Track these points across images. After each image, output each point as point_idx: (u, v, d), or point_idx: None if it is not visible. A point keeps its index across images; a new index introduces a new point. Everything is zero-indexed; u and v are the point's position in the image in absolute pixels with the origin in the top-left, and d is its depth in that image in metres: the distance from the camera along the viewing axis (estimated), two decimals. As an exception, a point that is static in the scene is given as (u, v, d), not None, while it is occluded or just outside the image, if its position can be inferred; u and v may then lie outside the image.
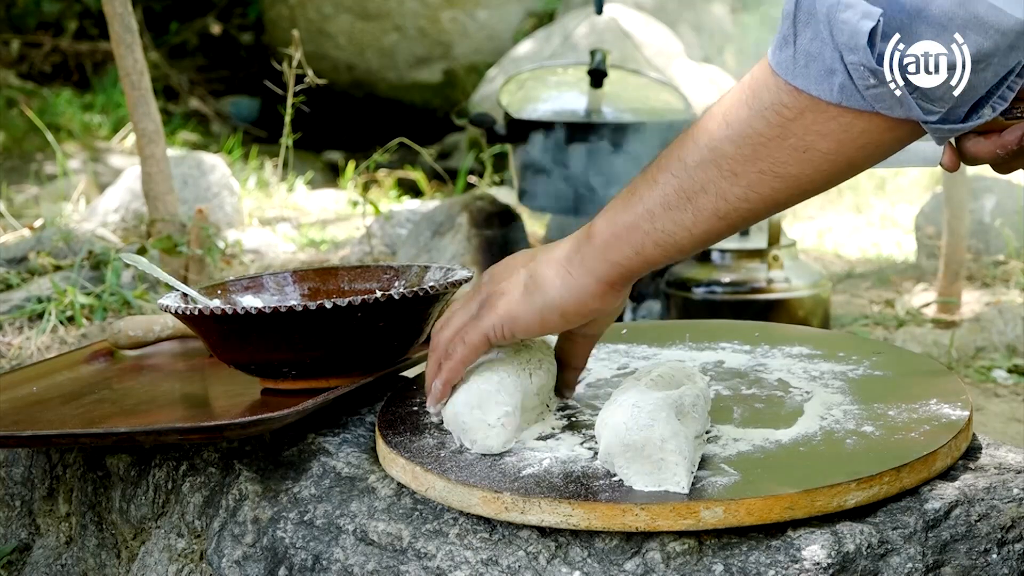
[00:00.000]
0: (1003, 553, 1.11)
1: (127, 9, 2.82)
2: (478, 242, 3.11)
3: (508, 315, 1.17)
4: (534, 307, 1.16)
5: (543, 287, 1.15)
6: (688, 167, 1.07)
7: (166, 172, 2.92)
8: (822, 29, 0.98)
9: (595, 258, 1.13)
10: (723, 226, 1.09)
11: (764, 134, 1.03)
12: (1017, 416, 2.48)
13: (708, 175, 1.06)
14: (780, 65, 1.02)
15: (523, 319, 1.16)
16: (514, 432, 1.24)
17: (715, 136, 1.06)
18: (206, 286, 1.49)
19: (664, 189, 1.09)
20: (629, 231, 1.11)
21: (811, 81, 1.00)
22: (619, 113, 3.12)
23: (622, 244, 1.11)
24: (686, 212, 1.08)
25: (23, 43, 7.35)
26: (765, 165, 1.04)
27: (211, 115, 7.20)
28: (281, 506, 1.25)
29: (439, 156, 4.65)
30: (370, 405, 1.41)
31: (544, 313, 1.15)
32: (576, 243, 1.15)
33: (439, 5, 7.08)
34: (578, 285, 1.14)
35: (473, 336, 1.18)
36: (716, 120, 1.06)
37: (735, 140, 1.04)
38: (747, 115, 1.04)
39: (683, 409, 1.16)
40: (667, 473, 1.11)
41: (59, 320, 2.66)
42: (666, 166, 1.09)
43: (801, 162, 1.03)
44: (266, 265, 3.41)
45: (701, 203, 1.07)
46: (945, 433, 1.19)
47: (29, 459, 1.54)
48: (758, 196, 1.06)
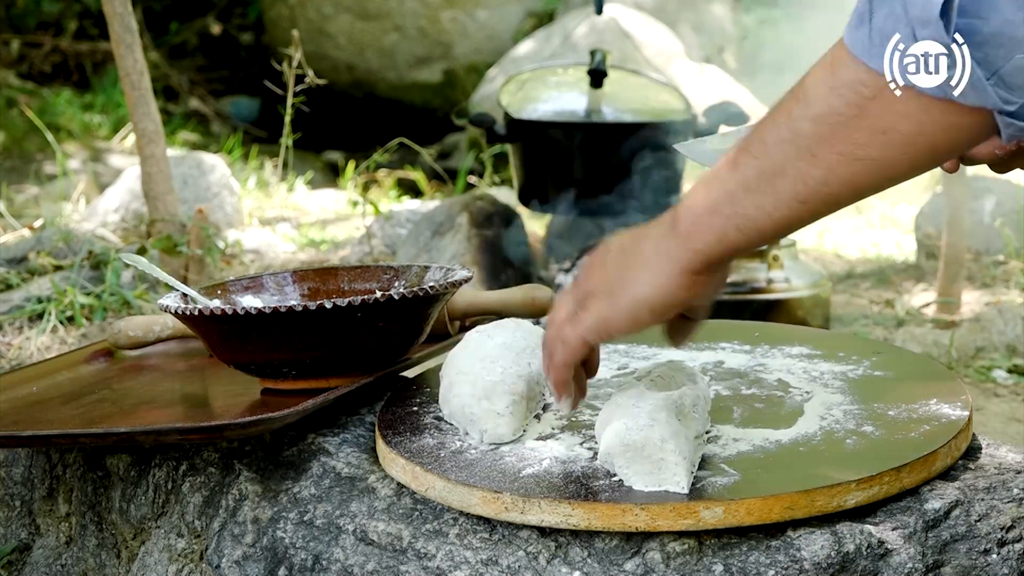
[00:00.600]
0: (1003, 553, 1.11)
1: (127, 9, 2.82)
2: (478, 242, 3.11)
3: (601, 318, 1.13)
4: (624, 308, 1.12)
5: (631, 285, 1.11)
6: (767, 147, 1.03)
7: (166, 172, 2.92)
8: (896, 5, 0.93)
9: (679, 247, 1.08)
10: (804, 211, 1.03)
11: (842, 113, 0.98)
12: (1017, 416, 2.48)
13: (786, 155, 1.01)
14: (855, 44, 0.97)
15: (615, 320, 1.13)
16: (522, 419, 1.26)
17: (793, 115, 1.01)
18: (206, 286, 1.49)
19: (744, 171, 1.04)
20: (711, 215, 1.06)
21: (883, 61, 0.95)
22: (619, 113, 3.12)
23: (704, 230, 1.07)
24: (766, 195, 1.03)
25: (23, 43, 7.35)
26: (844, 147, 0.99)
27: (211, 115, 7.19)
28: (281, 506, 1.25)
29: (439, 156, 4.65)
30: (370, 405, 1.41)
31: (635, 313, 1.11)
32: (660, 232, 1.11)
33: (439, 5, 7.07)
34: (664, 279, 1.09)
35: (571, 339, 1.16)
36: (796, 98, 1.02)
37: (813, 119, 1.00)
38: (825, 93, 0.99)
39: (683, 409, 1.17)
40: (667, 473, 1.11)
41: (59, 320, 2.66)
42: (747, 147, 1.05)
43: (882, 145, 0.97)
44: (266, 265, 3.41)
45: (780, 186, 1.02)
46: (945, 433, 1.19)
47: (29, 459, 1.54)
48: (838, 180, 1.00)
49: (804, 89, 1.01)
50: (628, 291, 1.11)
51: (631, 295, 1.11)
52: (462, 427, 1.27)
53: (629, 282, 1.11)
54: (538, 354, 1.34)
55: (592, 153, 3.04)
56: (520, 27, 7.00)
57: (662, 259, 1.09)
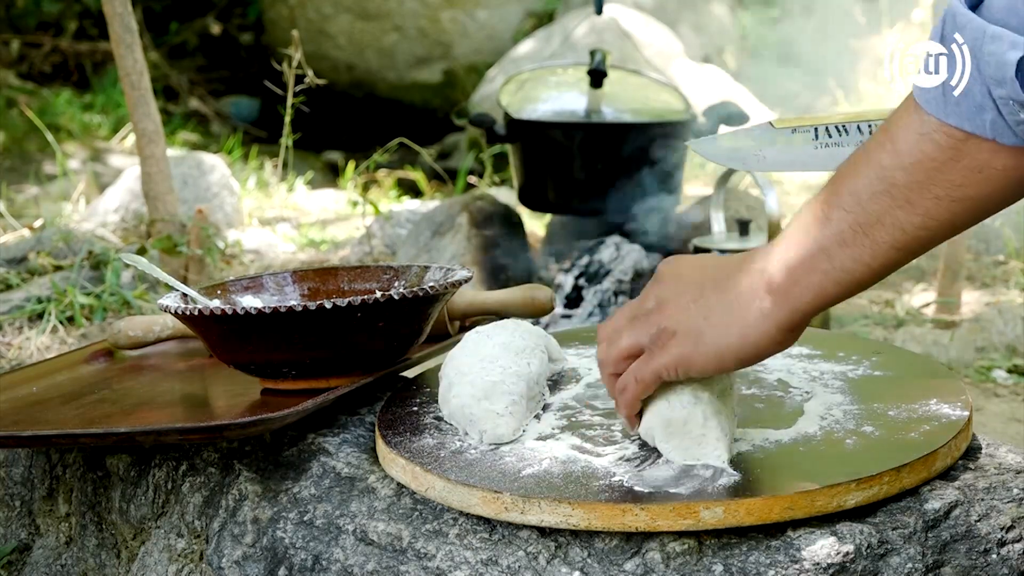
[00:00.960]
0: (1003, 553, 1.11)
1: (127, 9, 2.82)
2: (478, 242, 3.11)
3: (682, 359, 1.13)
4: (709, 354, 1.12)
5: (719, 334, 1.11)
6: (860, 200, 1.03)
7: (166, 172, 2.92)
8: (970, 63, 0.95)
9: (775, 304, 1.08)
10: (901, 256, 1.04)
11: (936, 157, 0.98)
12: (1017, 416, 2.48)
13: (882, 206, 1.01)
14: (929, 103, 0.98)
15: (698, 364, 1.13)
16: (522, 419, 1.27)
17: (884, 165, 1.01)
18: (206, 286, 1.49)
19: (838, 225, 1.04)
20: (807, 274, 1.06)
21: (963, 118, 0.96)
22: (619, 113, 3.12)
23: (802, 290, 1.07)
24: (863, 247, 1.03)
25: (23, 43, 7.35)
26: (941, 190, 0.99)
27: (211, 115, 7.19)
28: (281, 506, 1.25)
29: (439, 156, 4.65)
30: (370, 405, 1.41)
31: (720, 360, 1.12)
32: (751, 287, 1.10)
33: (439, 5, 7.07)
34: (758, 333, 1.10)
35: (646, 375, 1.15)
36: (882, 147, 1.02)
37: (906, 167, 1.00)
38: (915, 139, 0.99)
39: (725, 390, 1.21)
40: (707, 448, 1.15)
41: (59, 320, 2.67)
42: (835, 201, 1.05)
43: (979, 182, 0.97)
44: (266, 265, 3.41)
45: (878, 236, 1.02)
46: (945, 433, 1.19)
47: (29, 459, 1.54)
48: (937, 223, 1.01)
49: (891, 137, 1.01)
50: (715, 337, 1.11)
51: (718, 342, 1.11)
52: (461, 427, 1.27)
53: (717, 328, 1.11)
54: (538, 354, 1.35)
55: (592, 153, 3.04)
56: (520, 27, 7.00)
57: (755, 314, 1.09)
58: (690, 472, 1.14)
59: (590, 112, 3.11)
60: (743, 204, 3.15)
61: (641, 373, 1.16)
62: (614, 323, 1.20)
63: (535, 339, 1.38)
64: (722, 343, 1.11)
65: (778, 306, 1.08)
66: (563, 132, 3.05)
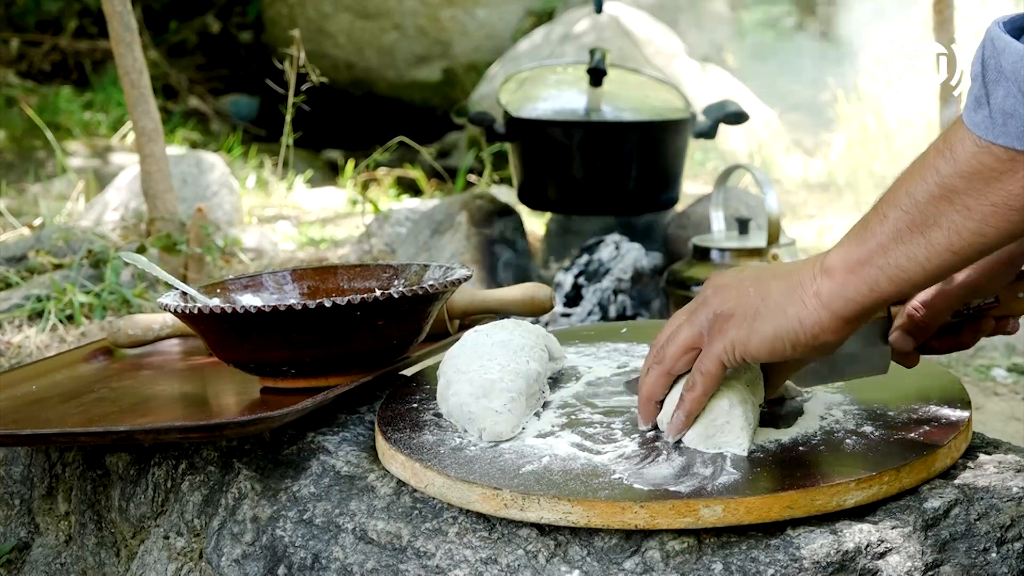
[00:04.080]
0: (1002, 552, 1.11)
1: (126, 7, 2.82)
2: (477, 241, 3.11)
3: (739, 340, 1.15)
4: (766, 335, 1.14)
5: (775, 315, 1.13)
6: (918, 202, 1.06)
7: (165, 171, 2.92)
8: (1012, 86, 0.98)
9: (831, 293, 1.11)
10: (957, 260, 1.07)
11: (995, 168, 1.01)
12: (1016, 415, 2.48)
13: (939, 210, 1.05)
14: (978, 127, 1.01)
15: (754, 345, 1.14)
16: (520, 417, 1.26)
17: (943, 172, 1.04)
18: (205, 285, 1.49)
19: (896, 224, 1.07)
20: (863, 266, 1.10)
21: (1013, 138, 0.99)
22: (618, 112, 3.12)
23: (857, 280, 1.10)
24: (919, 247, 1.07)
25: (23, 41, 7.35)
26: (998, 198, 1.02)
27: (210, 114, 7.20)
28: (280, 505, 1.25)
29: (438, 155, 4.65)
30: (369, 404, 1.41)
31: (775, 342, 1.14)
32: (811, 274, 1.13)
33: (439, 4, 7.08)
34: (813, 318, 1.12)
35: (709, 365, 1.17)
36: (942, 155, 1.04)
37: (964, 175, 1.03)
38: (972, 151, 1.02)
39: (752, 380, 1.22)
40: (729, 436, 1.17)
41: (58, 319, 2.67)
42: (895, 201, 1.08)
43: None
44: (265, 264, 3.41)
45: (934, 237, 1.06)
46: (945, 433, 1.19)
47: (28, 458, 1.54)
48: (994, 230, 1.03)
49: (950, 147, 1.04)
50: (772, 319, 1.13)
51: (775, 324, 1.13)
52: (460, 426, 1.27)
53: (775, 313, 1.13)
54: (537, 352, 1.35)
55: (591, 152, 3.04)
56: (520, 25, 7.00)
57: (812, 299, 1.12)
58: (690, 470, 1.14)
59: (590, 111, 3.11)
60: (743, 203, 3.15)
61: (704, 364, 1.17)
62: (672, 323, 1.21)
63: (534, 338, 1.37)
64: (780, 325, 1.13)
65: (834, 293, 1.11)
66: (563, 131, 3.05)
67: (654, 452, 1.19)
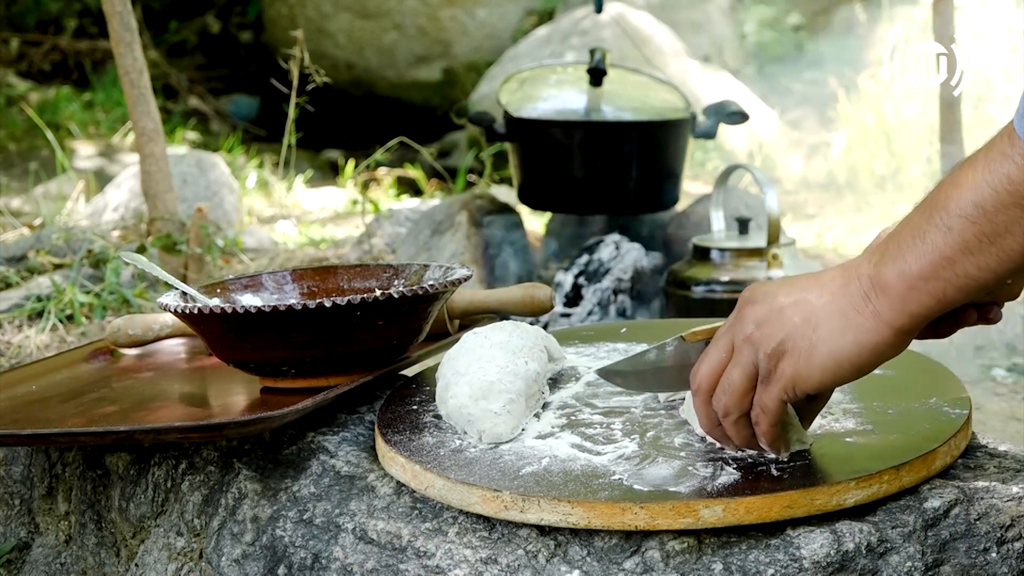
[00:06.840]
0: (1002, 552, 1.11)
1: (126, 7, 2.82)
2: (477, 241, 3.11)
3: (800, 378, 1.12)
4: (826, 368, 1.11)
5: (832, 345, 1.11)
6: (986, 211, 1.05)
7: (165, 171, 2.92)
8: None
9: (892, 310, 1.09)
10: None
11: None
12: (1016, 415, 2.48)
13: (1011, 216, 1.04)
14: None
15: (816, 378, 1.12)
16: (520, 418, 1.26)
17: (1015, 179, 1.03)
18: (205, 285, 1.49)
19: (963, 235, 1.06)
20: (927, 281, 1.08)
21: None
22: (619, 112, 3.12)
23: (921, 295, 1.08)
24: (990, 255, 1.05)
25: (23, 41, 7.35)
26: None
27: (210, 114, 7.20)
28: (280, 505, 1.25)
29: (439, 155, 4.65)
30: (369, 404, 1.41)
31: (837, 371, 1.11)
32: (860, 294, 1.11)
33: (439, 3, 7.08)
34: (874, 338, 1.10)
35: (770, 405, 1.14)
36: (1012, 160, 1.03)
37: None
38: None
39: None
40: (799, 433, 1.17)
41: (58, 318, 2.67)
42: (958, 211, 1.06)
43: None
44: (265, 264, 3.41)
45: (1006, 244, 1.05)
46: (944, 432, 1.19)
47: (28, 458, 1.54)
48: None
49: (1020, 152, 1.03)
50: (829, 350, 1.11)
51: (834, 355, 1.11)
52: (460, 427, 1.27)
53: (829, 340, 1.11)
54: (536, 353, 1.35)
55: (592, 152, 3.04)
56: (520, 25, 7.00)
57: (870, 320, 1.10)
58: (690, 471, 1.14)
59: (590, 110, 3.10)
60: (743, 203, 3.15)
61: (765, 404, 1.14)
62: (712, 361, 1.17)
63: (533, 339, 1.37)
64: (840, 354, 1.11)
65: (895, 310, 1.09)
66: (563, 130, 3.05)
67: (654, 452, 1.19)
